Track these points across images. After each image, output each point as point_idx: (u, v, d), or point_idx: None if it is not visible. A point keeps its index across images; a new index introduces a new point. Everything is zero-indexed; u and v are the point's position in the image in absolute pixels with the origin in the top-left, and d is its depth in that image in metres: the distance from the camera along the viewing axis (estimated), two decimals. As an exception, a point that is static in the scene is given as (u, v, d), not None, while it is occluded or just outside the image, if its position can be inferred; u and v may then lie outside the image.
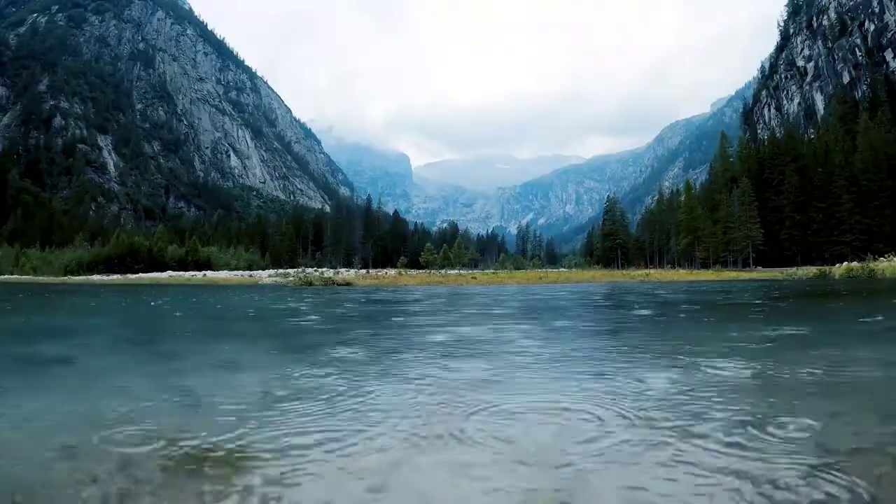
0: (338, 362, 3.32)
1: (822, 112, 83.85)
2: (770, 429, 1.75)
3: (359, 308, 9.72)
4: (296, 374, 2.89)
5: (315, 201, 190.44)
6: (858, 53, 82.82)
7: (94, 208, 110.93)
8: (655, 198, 79.82)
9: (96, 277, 39.01)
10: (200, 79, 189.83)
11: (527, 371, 3.03)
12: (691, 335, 5.03)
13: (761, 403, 2.16)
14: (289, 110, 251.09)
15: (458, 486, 1.36)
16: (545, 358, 3.62)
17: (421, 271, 42.46)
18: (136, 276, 38.13)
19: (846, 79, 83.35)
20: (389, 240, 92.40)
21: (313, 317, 7.68)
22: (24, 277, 42.83)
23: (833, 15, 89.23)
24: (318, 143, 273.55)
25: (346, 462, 1.51)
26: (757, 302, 9.65)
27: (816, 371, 2.79)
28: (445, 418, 1.96)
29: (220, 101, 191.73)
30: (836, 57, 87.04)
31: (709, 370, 2.83)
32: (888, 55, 76.99)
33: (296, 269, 39.91)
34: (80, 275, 45.75)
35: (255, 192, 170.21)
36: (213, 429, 1.82)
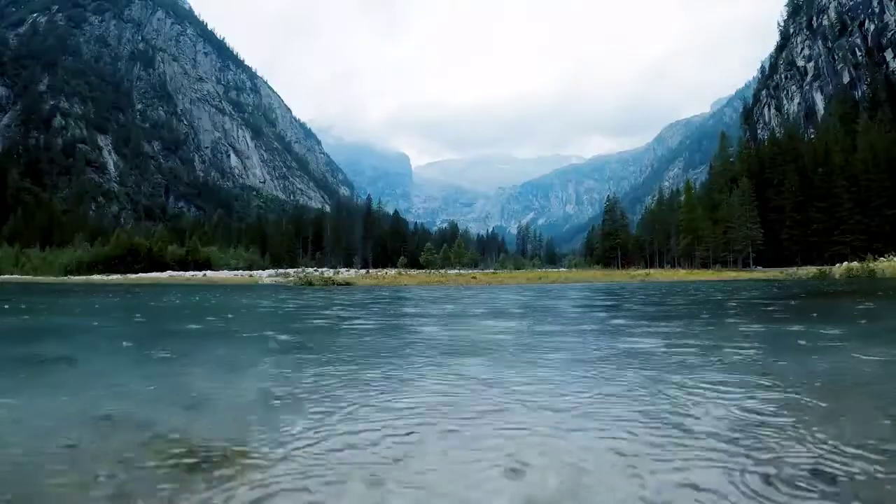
0: (340, 361, 3.32)
1: (822, 112, 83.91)
2: (778, 425, 1.75)
3: (369, 307, 9.70)
4: (296, 374, 2.88)
5: (315, 201, 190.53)
6: (858, 53, 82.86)
7: (94, 208, 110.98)
8: (655, 198, 79.84)
9: (96, 277, 38.96)
10: (200, 79, 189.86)
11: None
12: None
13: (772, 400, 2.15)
14: (289, 110, 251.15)
15: (459, 486, 1.35)
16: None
17: (421, 271, 42.46)
18: (136, 276, 38.07)
19: (846, 79, 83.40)
20: (389, 240, 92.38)
21: (315, 316, 7.67)
22: (24, 277, 42.77)
23: (833, 15, 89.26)
24: (318, 142, 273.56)
25: (347, 461, 1.50)
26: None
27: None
28: (448, 416, 1.96)
29: (220, 101, 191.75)
30: (836, 57, 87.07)
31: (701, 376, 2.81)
32: (888, 55, 77.03)
33: (296, 269, 39.88)
34: (80, 275, 45.69)
35: (255, 192, 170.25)
36: (213, 428, 1.82)
